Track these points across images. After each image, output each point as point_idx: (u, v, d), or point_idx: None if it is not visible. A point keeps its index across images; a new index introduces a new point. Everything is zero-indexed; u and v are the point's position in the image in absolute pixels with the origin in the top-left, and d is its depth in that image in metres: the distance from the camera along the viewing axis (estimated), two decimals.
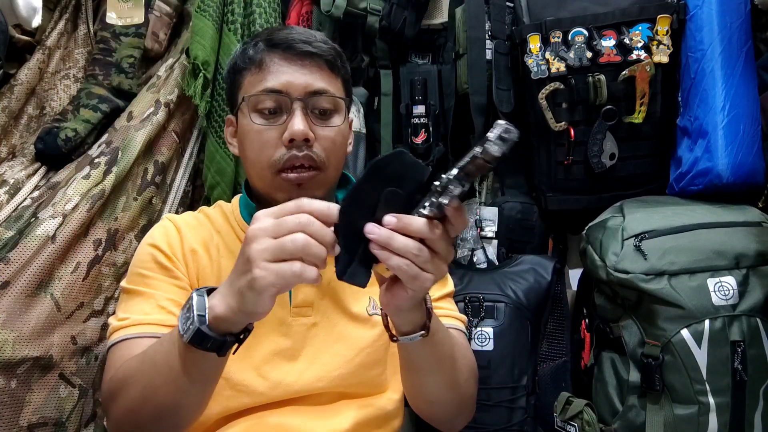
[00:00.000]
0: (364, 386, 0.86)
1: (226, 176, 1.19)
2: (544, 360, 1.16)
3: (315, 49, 0.83)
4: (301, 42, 0.83)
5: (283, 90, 0.81)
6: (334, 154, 0.85)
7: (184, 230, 0.86)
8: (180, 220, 0.89)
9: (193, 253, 0.84)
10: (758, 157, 1.06)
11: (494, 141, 0.54)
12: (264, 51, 0.83)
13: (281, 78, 0.82)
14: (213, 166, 1.19)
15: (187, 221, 0.89)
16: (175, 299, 0.79)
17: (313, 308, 0.85)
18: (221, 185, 1.18)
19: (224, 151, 1.19)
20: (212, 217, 0.91)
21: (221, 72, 1.20)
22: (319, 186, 0.84)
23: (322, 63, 0.84)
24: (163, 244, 0.83)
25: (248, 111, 0.83)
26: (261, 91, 0.82)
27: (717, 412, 0.90)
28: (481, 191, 1.35)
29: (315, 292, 0.86)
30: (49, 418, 0.88)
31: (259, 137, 0.82)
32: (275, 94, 0.81)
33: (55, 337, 0.90)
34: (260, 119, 0.82)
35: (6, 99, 1.08)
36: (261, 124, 0.82)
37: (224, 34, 1.20)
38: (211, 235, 0.87)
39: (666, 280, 0.95)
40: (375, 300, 0.89)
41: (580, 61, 1.14)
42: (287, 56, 0.83)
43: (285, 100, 0.81)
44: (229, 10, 1.21)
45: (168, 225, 0.87)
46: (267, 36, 0.85)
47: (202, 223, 0.89)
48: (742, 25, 1.09)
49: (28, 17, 1.10)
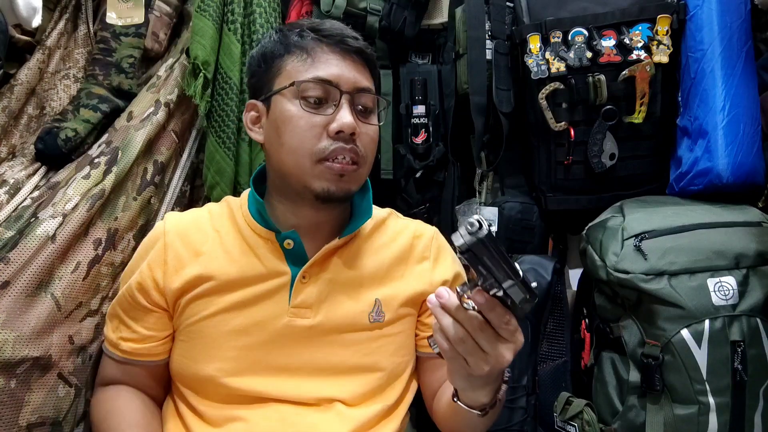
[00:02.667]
0: (358, 393, 0.85)
1: (226, 176, 1.19)
2: (544, 360, 1.16)
3: (363, 48, 0.86)
4: (352, 38, 0.85)
5: (333, 81, 0.82)
6: (371, 152, 0.87)
7: (172, 238, 0.87)
8: (172, 225, 0.89)
9: (177, 261, 0.85)
10: (758, 157, 1.06)
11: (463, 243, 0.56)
12: (313, 39, 0.83)
13: (332, 69, 0.82)
14: (213, 166, 1.19)
15: (183, 223, 0.89)
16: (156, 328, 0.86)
17: (312, 310, 0.84)
18: (221, 185, 1.18)
19: (224, 151, 1.19)
20: (214, 215, 0.91)
21: (221, 72, 1.20)
22: (356, 181, 0.85)
23: (366, 62, 0.87)
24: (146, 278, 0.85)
25: (293, 96, 0.82)
26: (312, 78, 0.81)
27: (717, 412, 0.90)
28: (481, 191, 1.35)
29: (317, 293, 0.84)
30: (48, 417, 0.87)
31: (303, 124, 0.81)
32: (326, 84, 0.81)
33: (55, 337, 0.90)
34: (306, 106, 0.81)
35: (6, 99, 1.08)
36: (307, 110, 0.81)
37: (224, 34, 1.20)
38: (205, 237, 0.87)
39: (666, 280, 0.95)
40: (381, 303, 0.88)
41: (580, 61, 1.14)
42: (338, 49, 0.84)
43: (334, 92, 0.82)
44: (229, 10, 1.21)
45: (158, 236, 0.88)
46: (312, 26, 0.85)
47: (200, 223, 0.90)
48: (742, 25, 1.09)
49: (28, 17, 1.10)
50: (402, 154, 1.34)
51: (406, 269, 0.92)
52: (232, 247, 0.86)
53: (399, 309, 0.89)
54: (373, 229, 0.94)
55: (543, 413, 1.11)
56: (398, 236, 0.95)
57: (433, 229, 1.00)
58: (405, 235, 0.95)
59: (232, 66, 1.20)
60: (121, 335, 0.87)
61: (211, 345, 0.82)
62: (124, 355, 0.87)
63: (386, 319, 0.88)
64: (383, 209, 1.00)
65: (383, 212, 0.98)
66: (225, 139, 1.19)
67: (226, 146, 1.19)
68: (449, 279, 0.94)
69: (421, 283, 0.91)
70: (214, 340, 0.82)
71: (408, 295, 0.90)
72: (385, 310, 0.88)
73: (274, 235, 0.85)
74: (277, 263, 0.85)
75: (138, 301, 0.85)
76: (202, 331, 0.83)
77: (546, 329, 1.18)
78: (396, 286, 0.90)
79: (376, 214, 0.95)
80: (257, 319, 0.82)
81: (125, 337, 0.86)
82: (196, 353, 0.83)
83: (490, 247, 0.56)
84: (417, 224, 1.00)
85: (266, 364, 0.82)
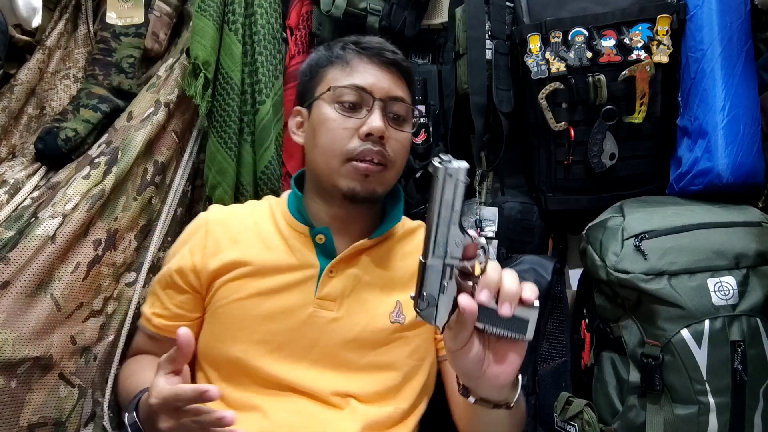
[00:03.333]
0: (372, 390, 0.86)
1: (228, 176, 1.19)
2: (544, 360, 1.16)
3: (400, 61, 0.93)
4: (389, 51, 0.93)
5: (367, 88, 0.89)
6: (401, 157, 0.92)
7: (213, 225, 0.94)
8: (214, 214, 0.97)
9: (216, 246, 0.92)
10: (758, 157, 1.06)
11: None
12: (354, 52, 0.92)
13: (367, 78, 0.90)
14: (214, 166, 1.18)
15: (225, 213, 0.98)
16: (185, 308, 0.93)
17: (336, 303, 0.87)
18: (222, 185, 1.18)
19: (225, 152, 1.19)
20: (255, 209, 0.99)
21: (222, 72, 1.20)
22: (382, 183, 0.90)
23: (402, 75, 0.94)
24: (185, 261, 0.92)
25: (330, 101, 0.90)
26: (348, 85, 0.89)
27: (717, 412, 0.90)
28: (481, 191, 1.35)
29: (341, 287, 0.88)
30: (49, 418, 0.87)
31: (336, 125, 0.88)
32: (360, 90, 0.89)
33: (55, 337, 0.90)
34: (339, 111, 0.89)
35: (6, 99, 1.08)
36: (341, 114, 0.89)
37: (225, 34, 1.20)
38: (243, 227, 0.94)
39: (666, 280, 0.95)
40: (402, 305, 0.90)
41: (580, 61, 1.14)
42: (375, 61, 0.92)
43: (367, 98, 0.89)
44: (230, 10, 1.20)
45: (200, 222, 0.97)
46: (356, 40, 0.94)
47: (240, 215, 0.97)
48: (742, 25, 1.09)
49: (28, 17, 1.10)
50: None
51: None
52: (268, 237, 0.92)
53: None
54: (403, 236, 0.98)
55: (543, 413, 1.11)
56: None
57: None
58: None
59: (233, 66, 1.19)
60: (154, 311, 0.94)
61: (239, 327, 0.87)
62: (155, 330, 0.94)
63: (407, 322, 0.90)
64: (414, 221, 1.04)
65: (414, 223, 1.03)
66: (227, 139, 1.19)
67: (228, 146, 1.19)
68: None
69: None
70: (242, 321, 0.87)
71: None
72: (406, 313, 0.90)
73: (308, 229, 0.91)
74: (309, 256, 0.90)
75: (175, 281, 0.92)
76: (232, 313, 0.88)
77: (546, 329, 1.18)
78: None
79: (407, 224, 1.01)
80: (284, 307, 0.87)
81: (158, 313, 0.94)
82: (224, 334, 0.88)
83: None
84: None
85: (289, 351, 0.86)
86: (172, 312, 0.93)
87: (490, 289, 0.61)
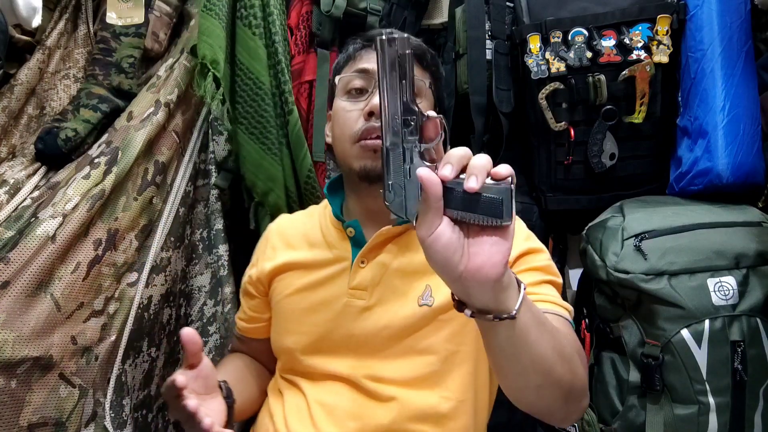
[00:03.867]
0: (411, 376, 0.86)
1: (278, 181, 1.22)
2: None
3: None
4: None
5: (369, 69, 0.91)
6: None
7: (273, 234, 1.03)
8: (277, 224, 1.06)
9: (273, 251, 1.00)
10: (758, 157, 1.06)
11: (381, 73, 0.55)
12: (360, 46, 0.95)
13: (371, 63, 0.91)
14: (261, 173, 1.22)
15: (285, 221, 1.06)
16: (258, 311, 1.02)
17: (367, 292, 0.89)
18: (275, 191, 1.22)
19: (271, 158, 1.21)
20: (310, 214, 1.06)
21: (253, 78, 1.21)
22: None
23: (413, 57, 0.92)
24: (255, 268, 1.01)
25: (341, 94, 0.94)
26: (351, 72, 0.93)
27: (717, 412, 0.90)
28: None
29: (371, 276, 0.90)
30: (49, 418, 0.87)
31: (345, 114, 0.91)
32: (362, 73, 0.91)
33: (55, 337, 0.90)
34: (347, 99, 0.92)
35: (6, 99, 1.08)
36: (348, 102, 0.92)
37: (238, 28, 1.21)
38: (296, 232, 1.01)
39: (666, 280, 0.95)
40: (431, 288, 0.89)
41: (580, 61, 1.14)
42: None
43: (370, 80, 0.90)
44: (241, 5, 1.21)
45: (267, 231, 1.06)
46: (364, 34, 0.97)
47: (296, 221, 1.05)
48: (742, 25, 1.09)
49: (28, 17, 1.10)
50: None
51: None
52: (313, 237, 0.98)
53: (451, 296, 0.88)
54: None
55: None
56: None
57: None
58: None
59: (261, 70, 1.21)
60: (239, 316, 1.07)
61: (290, 320, 0.94)
62: (240, 332, 1.06)
63: (436, 304, 0.87)
64: None
65: None
66: (270, 145, 1.22)
67: (272, 152, 1.22)
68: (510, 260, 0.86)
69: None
70: (291, 314, 0.94)
71: None
72: (435, 295, 0.88)
73: (341, 224, 0.95)
74: (343, 249, 0.94)
75: (247, 288, 1.02)
76: (284, 308, 0.95)
77: None
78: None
79: None
80: (323, 299, 0.92)
81: (240, 317, 1.06)
82: (281, 327, 0.96)
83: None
84: None
85: (330, 342, 0.90)
86: (248, 315, 1.03)
87: (453, 164, 0.56)
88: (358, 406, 0.86)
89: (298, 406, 0.89)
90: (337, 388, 0.88)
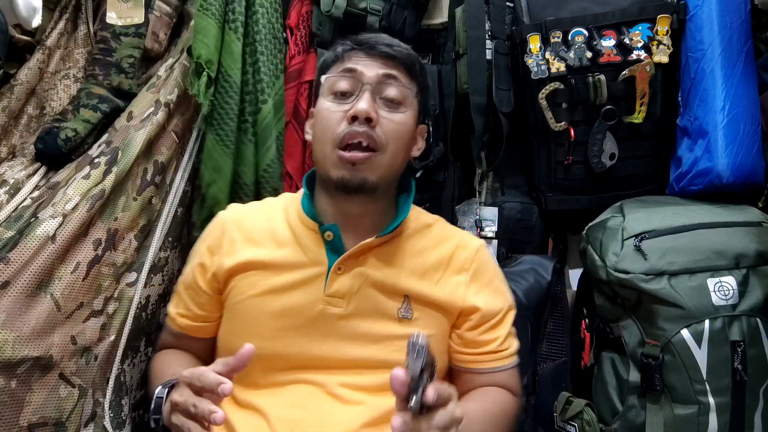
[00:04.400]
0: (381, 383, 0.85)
1: (223, 174, 1.18)
2: (544, 360, 1.16)
3: (395, 52, 0.90)
4: (384, 45, 0.91)
5: (356, 69, 0.88)
6: (395, 140, 0.88)
7: (230, 225, 0.95)
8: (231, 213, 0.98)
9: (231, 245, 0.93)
10: (758, 157, 1.06)
11: (410, 360, 0.65)
12: (349, 48, 0.92)
13: (358, 65, 0.89)
14: (210, 163, 1.18)
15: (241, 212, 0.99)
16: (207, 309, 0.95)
17: (344, 300, 0.87)
18: (218, 183, 1.18)
19: (222, 149, 1.18)
20: (269, 207, 1.00)
21: (222, 71, 1.20)
22: (373, 169, 0.87)
23: (400, 65, 0.91)
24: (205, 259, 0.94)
25: (326, 94, 0.91)
26: (337, 72, 0.90)
27: (717, 412, 0.90)
28: (481, 191, 1.35)
29: (349, 285, 0.88)
30: (49, 418, 0.87)
31: (328, 115, 0.88)
32: (348, 73, 0.89)
33: (55, 337, 0.90)
34: (332, 100, 0.89)
35: (6, 99, 1.08)
36: (332, 102, 0.89)
37: (225, 34, 1.20)
38: (257, 226, 0.95)
39: (666, 280, 0.95)
40: (410, 301, 0.89)
41: (580, 61, 1.14)
42: (368, 53, 0.90)
43: (356, 83, 0.88)
44: (230, 9, 1.20)
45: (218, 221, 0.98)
46: (355, 37, 0.94)
47: (255, 214, 0.98)
48: (742, 25, 1.09)
49: (28, 17, 1.10)
50: None
51: (442, 276, 0.92)
52: (281, 235, 0.92)
53: (429, 310, 0.90)
54: (415, 231, 0.95)
55: (543, 413, 1.11)
56: (442, 243, 0.95)
57: (479, 243, 0.99)
58: (449, 243, 0.95)
59: (232, 65, 1.20)
60: (179, 311, 0.96)
61: (253, 323, 0.88)
62: (180, 329, 0.96)
63: (414, 317, 0.89)
64: (432, 215, 1.01)
65: (430, 218, 1.00)
66: (224, 137, 1.19)
67: (225, 144, 1.19)
68: (481, 308, 0.91)
69: (454, 295, 0.91)
70: (256, 318, 0.88)
71: (439, 299, 0.90)
72: (414, 309, 0.89)
73: (318, 226, 0.91)
74: (318, 253, 0.90)
75: (197, 282, 0.94)
76: (247, 310, 0.89)
77: (546, 329, 1.18)
78: (428, 289, 0.90)
79: (422, 219, 0.98)
80: (295, 304, 0.87)
81: (182, 313, 0.96)
82: (240, 330, 0.89)
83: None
84: (464, 235, 1.00)
85: (300, 348, 0.86)
86: (195, 313, 0.95)
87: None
88: (325, 412, 0.83)
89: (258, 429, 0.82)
90: (304, 393, 0.85)
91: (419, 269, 0.91)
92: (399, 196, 0.97)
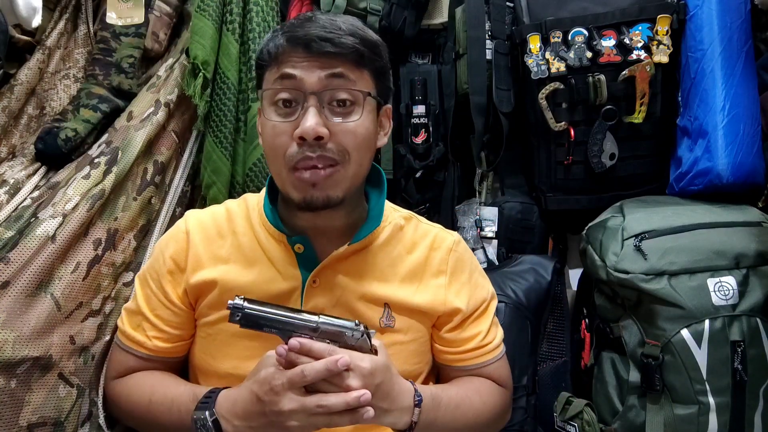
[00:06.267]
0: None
1: (222, 176, 1.18)
2: (544, 360, 1.16)
3: (335, 49, 0.77)
4: (321, 40, 0.77)
5: (295, 76, 0.77)
6: (357, 149, 0.80)
7: (194, 237, 0.88)
8: (194, 223, 0.90)
9: (196, 261, 0.86)
10: (758, 157, 1.06)
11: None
12: (283, 46, 0.79)
13: (296, 68, 0.78)
14: (209, 165, 1.18)
15: (203, 224, 0.90)
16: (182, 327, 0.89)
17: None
18: (217, 185, 1.18)
19: (221, 151, 1.19)
20: (232, 215, 0.91)
21: (220, 72, 1.20)
22: (336, 185, 0.79)
23: (345, 61, 0.79)
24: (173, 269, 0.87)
25: (269, 103, 0.80)
26: (275, 85, 0.79)
27: (717, 412, 0.90)
28: (481, 191, 1.35)
29: (327, 298, 0.84)
30: (49, 417, 0.87)
31: (274, 132, 0.79)
32: (287, 81, 0.78)
33: (55, 337, 0.90)
34: (275, 114, 0.79)
35: (6, 99, 1.08)
36: (275, 120, 0.79)
37: (223, 35, 1.20)
38: (223, 241, 0.88)
39: (666, 280, 0.95)
40: (390, 308, 0.87)
41: (580, 61, 1.14)
42: (306, 54, 0.78)
43: (299, 93, 0.77)
44: (228, 10, 1.21)
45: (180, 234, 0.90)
46: (289, 29, 0.80)
47: (219, 225, 0.90)
48: (742, 25, 1.09)
49: (28, 17, 1.10)
50: (402, 154, 1.34)
51: (420, 283, 0.90)
52: (248, 250, 0.87)
53: (410, 317, 0.88)
54: (390, 236, 0.90)
55: (543, 413, 1.11)
56: (414, 247, 0.91)
57: (453, 240, 0.94)
58: (422, 246, 0.92)
59: (230, 66, 1.20)
60: (149, 333, 0.88)
61: (227, 344, 0.85)
62: (150, 353, 0.88)
63: (397, 326, 0.87)
64: (403, 213, 0.95)
65: (402, 218, 0.94)
66: (222, 139, 1.19)
67: (224, 146, 1.19)
68: (462, 308, 0.90)
69: (435, 300, 0.89)
70: (231, 338, 0.85)
71: (419, 305, 0.88)
72: (395, 316, 0.87)
73: (286, 238, 0.85)
74: (289, 267, 0.85)
75: (172, 299, 0.87)
76: (220, 330, 0.85)
77: (546, 329, 1.18)
78: (408, 295, 0.88)
79: (394, 220, 0.92)
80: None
81: (154, 335, 0.88)
82: (214, 350, 0.86)
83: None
84: (437, 233, 0.95)
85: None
86: (169, 334, 0.88)
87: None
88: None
89: None
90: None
91: (397, 275, 0.88)
92: (367, 187, 0.90)
